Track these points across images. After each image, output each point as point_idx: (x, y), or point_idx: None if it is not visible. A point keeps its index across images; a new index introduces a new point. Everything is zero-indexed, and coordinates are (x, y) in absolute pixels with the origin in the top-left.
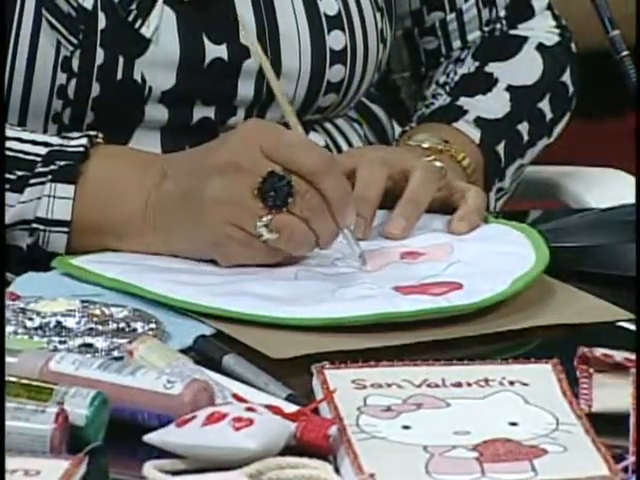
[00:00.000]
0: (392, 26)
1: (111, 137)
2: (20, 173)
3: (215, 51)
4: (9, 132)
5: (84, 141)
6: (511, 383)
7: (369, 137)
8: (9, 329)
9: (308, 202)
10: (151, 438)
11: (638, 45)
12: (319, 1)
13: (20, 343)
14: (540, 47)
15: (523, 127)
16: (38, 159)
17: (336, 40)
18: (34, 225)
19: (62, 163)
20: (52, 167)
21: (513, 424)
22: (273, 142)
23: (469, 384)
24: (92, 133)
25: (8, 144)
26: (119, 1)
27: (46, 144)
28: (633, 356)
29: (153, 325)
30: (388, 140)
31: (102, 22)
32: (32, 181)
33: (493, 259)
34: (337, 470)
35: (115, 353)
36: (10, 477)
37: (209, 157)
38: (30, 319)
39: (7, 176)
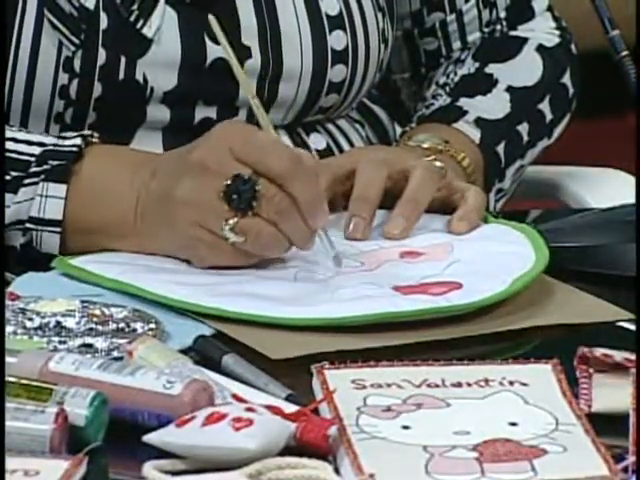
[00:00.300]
0: (393, 26)
1: (113, 137)
2: (15, 173)
3: (217, 51)
4: (5, 132)
5: (78, 141)
6: (511, 383)
7: (371, 138)
8: (9, 329)
9: (276, 205)
10: (151, 438)
11: (638, 45)
12: (320, 1)
13: (20, 343)
14: (540, 48)
15: (523, 128)
16: (32, 159)
17: (337, 40)
18: (27, 225)
19: (55, 163)
20: (45, 167)
21: (513, 424)
22: (243, 144)
23: (469, 384)
24: (87, 133)
25: None
26: (121, 1)
27: (40, 144)
28: (633, 356)
29: (153, 325)
30: (390, 141)
31: (104, 22)
32: (26, 181)
33: (493, 259)
34: (337, 470)
35: (115, 353)
36: (10, 477)
37: (184, 158)
38: (30, 319)
39: None
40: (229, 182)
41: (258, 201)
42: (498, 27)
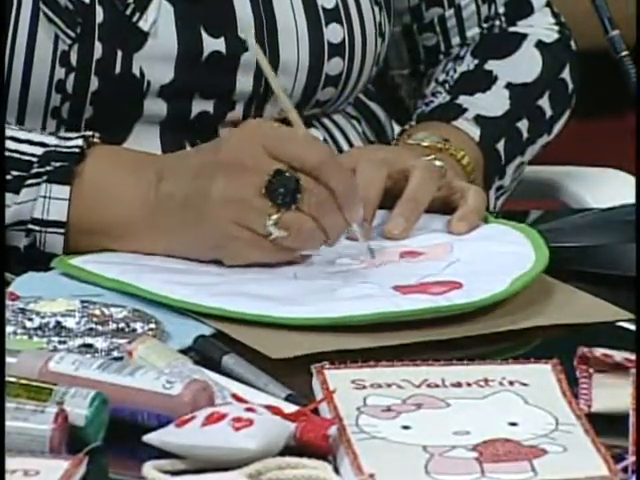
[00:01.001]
0: (390, 20)
1: (110, 132)
2: (16, 173)
3: (213, 44)
4: (6, 131)
5: (80, 142)
6: (511, 383)
7: (367, 134)
8: (9, 329)
9: (317, 199)
10: (151, 438)
11: (638, 45)
12: None
13: (20, 343)
14: (539, 44)
15: (523, 124)
16: (34, 159)
17: (334, 33)
18: (30, 226)
19: (57, 164)
20: (48, 168)
21: (513, 424)
22: (275, 140)
23: (469, 384)
24: (88, 133)
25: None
26: None
27: (42, 144)
28: (633, 356)
29: (153, 325)
30: (387, 139)
31: (100, 15)
32: (28, 182)
33: (493, 259)
34: (337, 470)
35: (115, 353)
36: (10, 477)
37: (211, 158)
38: (30, 319)
39: None
40: (270, 178)
41: (301, 195)
42: (497, 23)
